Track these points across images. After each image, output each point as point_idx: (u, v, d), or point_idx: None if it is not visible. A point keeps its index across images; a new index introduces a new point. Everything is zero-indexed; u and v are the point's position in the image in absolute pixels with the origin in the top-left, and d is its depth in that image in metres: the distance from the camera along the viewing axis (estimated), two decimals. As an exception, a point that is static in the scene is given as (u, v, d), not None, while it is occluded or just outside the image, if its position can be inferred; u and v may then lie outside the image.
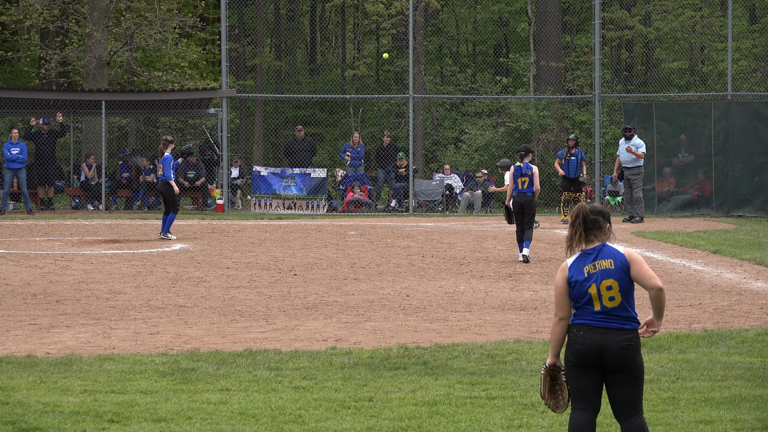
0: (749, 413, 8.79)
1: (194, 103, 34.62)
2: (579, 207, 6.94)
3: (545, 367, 6.98)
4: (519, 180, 19.68)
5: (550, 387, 7.00)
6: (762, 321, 13.23)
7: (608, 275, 6.78)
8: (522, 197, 19.60)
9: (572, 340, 6.82)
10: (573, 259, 6.89)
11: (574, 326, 6.84)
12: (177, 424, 8.45)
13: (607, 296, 6.77)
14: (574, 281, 6.81)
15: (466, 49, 49.30)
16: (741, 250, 20.54)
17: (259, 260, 19.51)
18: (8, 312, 13.74)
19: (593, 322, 6.78)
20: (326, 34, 53.51)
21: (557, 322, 6.88)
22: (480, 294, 15.56)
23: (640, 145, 28.42)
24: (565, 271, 6.87)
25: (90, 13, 35.92)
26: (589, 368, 6.79)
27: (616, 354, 6.73)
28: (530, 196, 19.59)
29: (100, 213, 32.24)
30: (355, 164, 34.05)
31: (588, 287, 6.78)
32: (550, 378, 6.98)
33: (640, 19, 40.65)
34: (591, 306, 6.79)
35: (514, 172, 19.75)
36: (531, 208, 19.61)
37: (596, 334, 6.76)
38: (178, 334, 12.24)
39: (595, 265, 6.81)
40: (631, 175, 28.36)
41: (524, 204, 19.55)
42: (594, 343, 6.75)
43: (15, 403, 8.92)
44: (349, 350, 11.16)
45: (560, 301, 6.87)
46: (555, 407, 7.00)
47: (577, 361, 6.80)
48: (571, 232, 6.91)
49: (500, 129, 36.33)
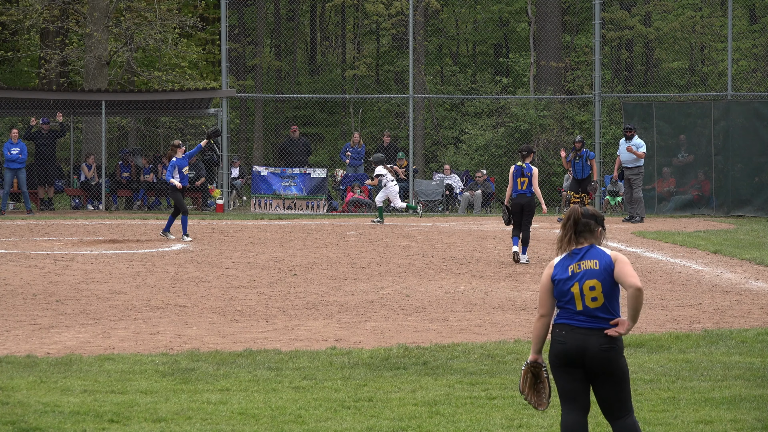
0: (749, 413, 8.79)
1: (194, 103, 34.63)
2: (572, 209, 6.96)
3: (526, 364, 7.00)
4: (519, 180, 19.40)
5: (532, 384, 7.01)
6: (762, 321, 13.23)
7: (592, 275, 6.77)
8: (522, 198, 19.34)
9: (554, 340, 6.83)
10: (560, 259, 6.91)
11: (556, 326, 6.85)
12: (177, 424, 8.45)
13: (589, 296, 6.76)
14: (557, 279, 6.82)
15: (466, 49, 49.30)
16: (741, 250, 20.54)
17: (259, 260, 19.50)
18: (8, 312, 13.74)
19: (575, 323, 6.78)
20: (326, 34, 53.51)
21: (538, 318, 6.92)
22: (480, 294, 15.56)
23: (641, 145, 28.41)
24: (551, 268, 6.90)
25: (90, 13, 35.93)
26: (572, 368, 6.78)
27: (597, 356, 6.72)
28: (530, 197, 19.37)
29: (100, 213, 32.24)
30: (355, 164, 34.05)
31: (570, 286, 6.78)
32: (532, 375, 7.00)
33: (640, 19, 40.65)
34: (573, 305, 6.79)
35: (514, 171, 19.47)
36: (531, 209, 19.41)
37: (578, 335, 6.76)
38: (178, 334, 12.24)
39: (580, 264, 6.81)
40: (632, 175, 28.35)
41: (524, 205, 19.34)
42: (575, 344, 6.74)
43: (15, 403, 8.92)
44: (349, 350, 11.16)
45: (543, 298, 6.90)
46: (537, 404, 7.01)
47: (559, 362, 6.81)
48: (562, 234, 6.93)
49: (500, 129, 36.33)
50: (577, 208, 6.94)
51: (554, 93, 37.01)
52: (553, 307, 6.87)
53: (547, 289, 6.89)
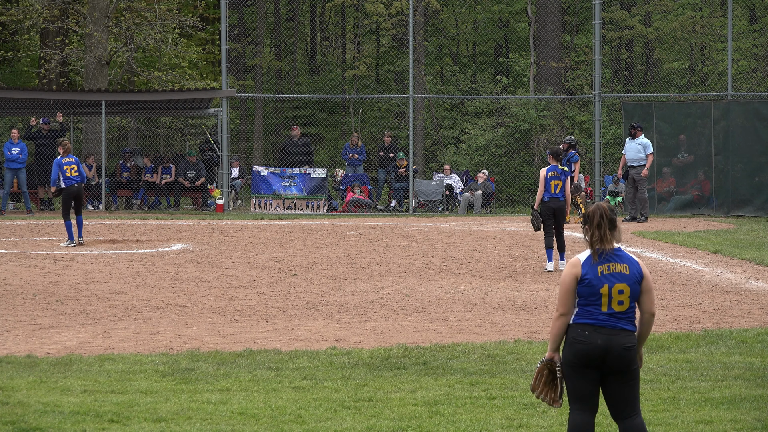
0: (749, 413, 8.79)
1: (194, 103, 34.63)
2: (597, 206, 6.87)
3: (543, 361, 6.95)
4: (552, 183, 18.03)
5: (547, 381, 6.96)
6: (762, 321, 13.23)
7: (622, 279, 6.77)
8: (555, 202, 18.04)
9: (575, 339, 6.78)
10: (585, 257, 6.84)
11: (578, 325, 6.79)
12: (177, 424, 8.45)
13: (617, 299, 6.76)
14: (587, 279, 6.76)
15: (466, 49, 49.30)
16: (741, 250, 20.54)
17: (259, 260, 19.50)
18: (8, 312, 13.74)
19: (598, 323, 6.76)
20: (326, 34, 53.51)
21: (558, 317, 6.84)
22: (480, 294, 15.56)
23: (647, 145, 28.42)
24: (577, 267, 6.81)
25: (90, 13, 35.93)
26: (588, 369, 6.77)
27: (619, 355, 6.73)
28: (563, 202, 18.10)
29: (100, 213, 32.24)
30: (355, 164, 34.05)
31: (601, 287, 6.75)
32: (548, 371, 6.95)
33: (640, 19, 40.65)
34: (598, 306, 6.76)
35: (547, 173, 18.09)
36: (563, 214, 18.14)
37: (602, 335, 6.74)
38: (178, 334, 12.24)
39: (610, 266, 6.79)
40: (637, 175, 28.33)
41: (557, 210, 18.05)
42: (599, 344, 6.73)
43: (15, 403, 8.92)
44: (349, 350, 11.16)
45: (564, 296, 6.82)
46: (552, 401, 6.97)
47: (577, 362, 6.77)
48: (594, 231, 6.82)
49: (500, 129, 36.32)
50: (603, 204, 6.90)
51: (554, 93, 37.01)
52: (573, 306, 6.82)
53: (570, 288, 6.80)
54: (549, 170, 18.10)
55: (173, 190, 33.81)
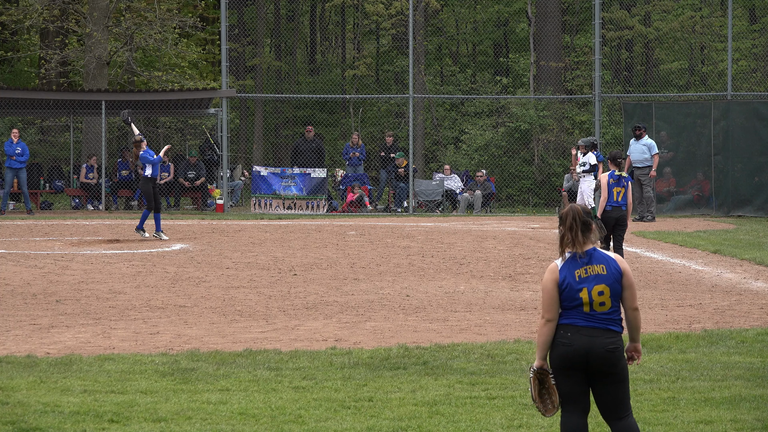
0: (749, 413, 8.79)
1: (194, 103, 34.63)
2: (570, 208, 6.86)
3: (533, 371, 6.87)
4: (615, 190, 17.34)
5: (541, 390, 6.89)
6: (762, 321, 13.23)
7: (600, 280, 6.73)
8: (617, 211, 17.37)
9: (558, 341, 6.74)
10: (562, 262, 6.81)
11: (560, 326, 6.76)
12: (177, 424, 8.45)
13: (598, 301, 6.72)
14: (567, 284, 6.74)
15: (466, 49, 49.30)
16: (741, 250, 20.54)
17: (259, 260, 19.50)
18: (8, 312, 13.74)
19: (580, 323, 6.74)
20: (326, 34, 53.51)
21: (545, 323, 6.78)
22: (480, 294, 15.56)
23: (652, 146, 28.44)
24: (555, 273, 6.78)
25: (90, 13, 35.93)
26: (572, 371, 6.73)
27: (602, 356, 6.69)
28: (624, 211, 17.38)
29: (100, 213, 32.24)
30: (356, 164, 34.06)
31: (580, 291, 6.72)
32: (538, 382, 6.88)
33: (640, 19, 40.65)
34: (580, 309, 6.74)
35: (609, 180, 17.36)
36: (624, 223, 17.46)
37: (583, 336, 6.70)
38: (178, 334, 12.24)
39: (587, 269, 6.75)
40: (642, 175, 28.33)
41: (618, 219, 17.39)
42: (581, 345, 6.69)
43: (15, 403, 8.92)
44: (349, 350, 11.16)
45: (549, 303, 6.77)
46: (544, 411, 6.89)
47: (562, 364, 6.74)
48: (566, 234, 6.80)
49: (500, 129, 36.33)
50: (576, 206, 6.88)
51: (554, 93, 37.01)
52: (558, 311, 6.79)
53: (552, 295, 6.76)
54: (610, 176, 17.42)
55: (173, 190, 33.81)
